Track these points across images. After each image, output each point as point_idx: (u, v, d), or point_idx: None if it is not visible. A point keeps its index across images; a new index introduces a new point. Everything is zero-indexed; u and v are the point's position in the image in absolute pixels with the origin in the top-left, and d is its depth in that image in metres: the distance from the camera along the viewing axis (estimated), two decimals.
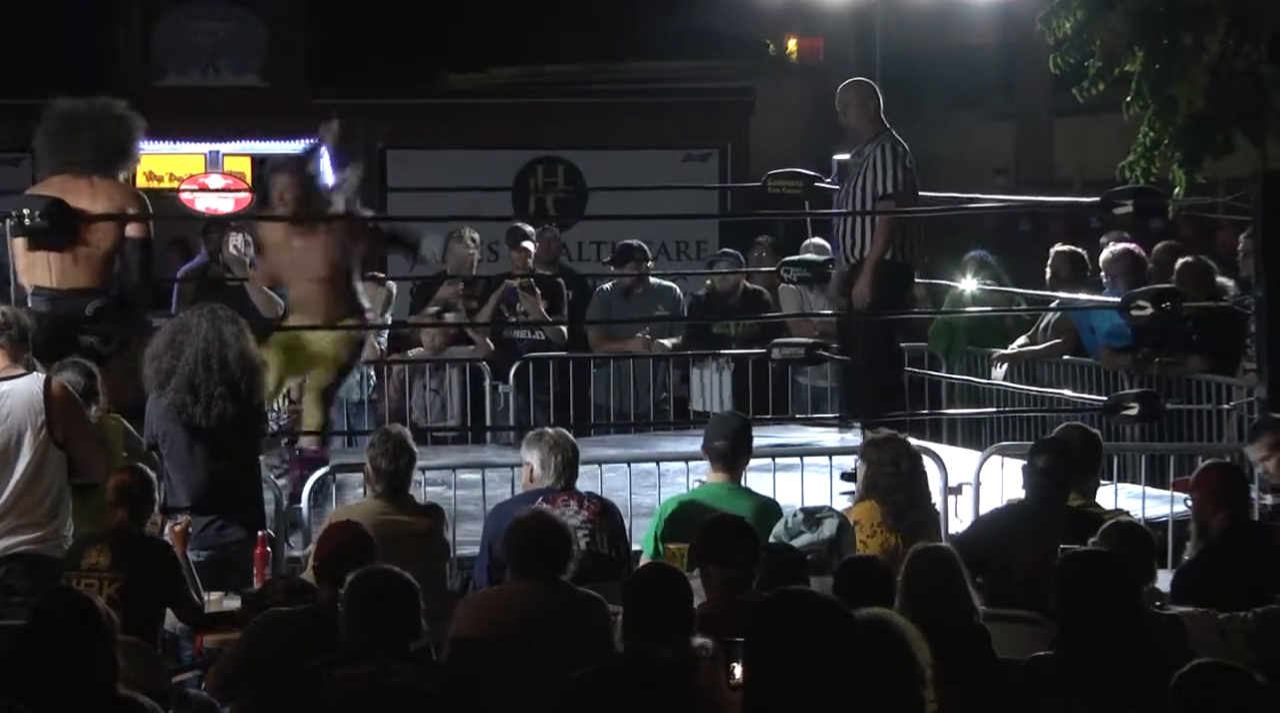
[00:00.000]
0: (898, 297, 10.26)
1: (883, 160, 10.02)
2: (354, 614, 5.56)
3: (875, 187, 10.01)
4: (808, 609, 4.62)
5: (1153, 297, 9.42)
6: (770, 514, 7.49)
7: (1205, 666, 4.82)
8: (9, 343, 7.72)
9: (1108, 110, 13.06)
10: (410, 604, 5.57)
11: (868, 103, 10.24)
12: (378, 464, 7.63)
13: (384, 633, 5.52)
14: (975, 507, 8.70)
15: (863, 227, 10.06)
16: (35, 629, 5.19)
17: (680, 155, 17.18)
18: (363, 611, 5.56)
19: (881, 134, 10.12)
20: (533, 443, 7.77)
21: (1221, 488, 7.28)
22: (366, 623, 5.54)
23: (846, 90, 10.34)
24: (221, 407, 7.98)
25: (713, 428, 8.02)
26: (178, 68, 17.31)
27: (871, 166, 10.05)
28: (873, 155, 10.06)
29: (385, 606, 5.56)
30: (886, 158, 10.02)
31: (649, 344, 12.40)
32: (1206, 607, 6.51)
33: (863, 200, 10.07)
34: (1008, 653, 5.86)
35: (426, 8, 17.59)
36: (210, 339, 8.02)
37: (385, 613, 5.55)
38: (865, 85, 10.38)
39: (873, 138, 10.12)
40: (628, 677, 5.30)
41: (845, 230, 10.19)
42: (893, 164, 10.01)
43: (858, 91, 10.31)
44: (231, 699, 6.31)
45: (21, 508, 7.60)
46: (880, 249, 9.96)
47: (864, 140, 10.17)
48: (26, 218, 8.72)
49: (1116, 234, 11.82)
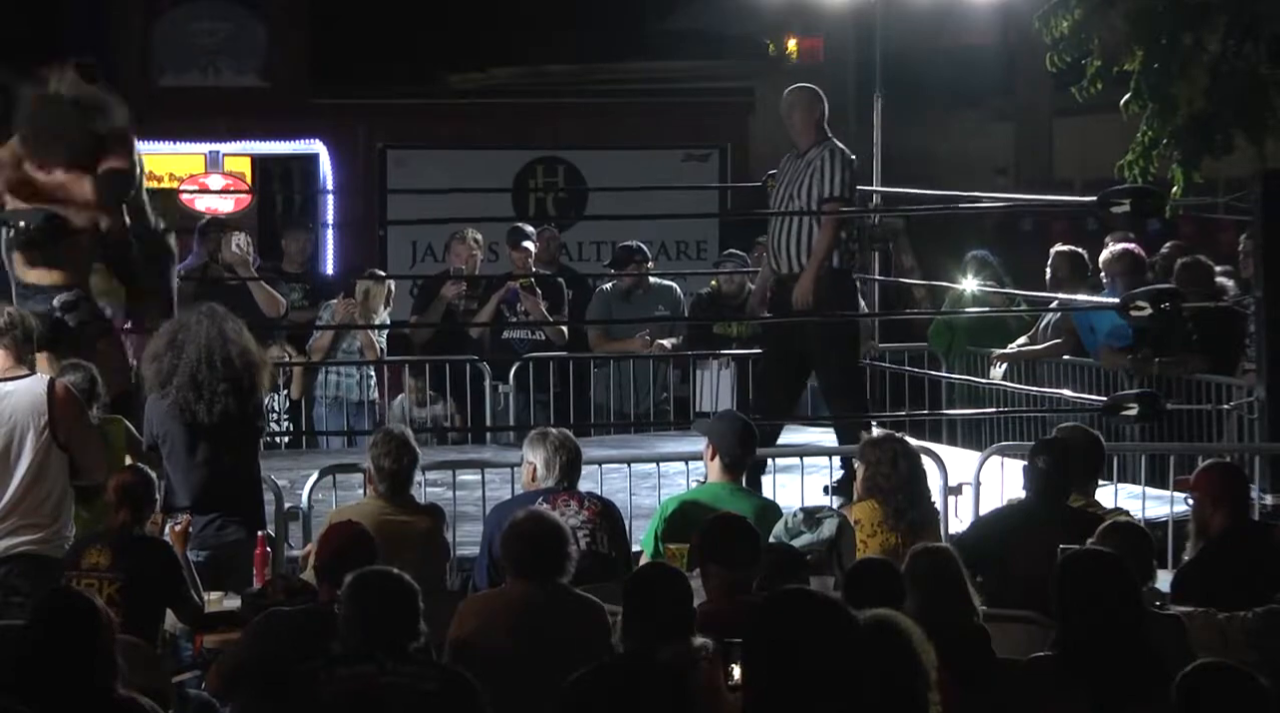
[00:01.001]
0: (847, 304, 10.19)
1: (829, 165, 9.90)
2: (352, 615, 5.56)
3: (821, 190, 9.89)
4: (807, 609, 4.61)
5: (1152, 297, 9.42)
6: (770, 515, 7.49)
7: (1207, 666, 4.83)
8: (13, 344, 7.72)
9: (1108, 110, 13.04)
10: (408, 605, 5.57)
11: (813, 109, 10.13)
12: (380, 464, 7.63)
13: (382, 634, 5.51)
14: (975, 507, 8.70)
15: (808, 232, 9.92)
16: (35, 630, 5.19)
17: (680, 155, 17.16)
18: (361, 611, 5.55)
19: (825, 141, 10.02)
20: (536, 443, 7.77)
21: (1222, 487, 7.29)
22: (365, 624, 5.53)
23: (792, 95, 10.22)
24: (224, 404, 7.99)
25: (724, 431, 7.98)
26: (177, 68, 17.30)
27: (818, 171, 9.93)
28: (816, 160, 9.94)
29: (383, 606, 5.55)
30: (831, 163, 9.90)
31: (649, 344, 12.41)
32: (1207, 607, 6.51)
33: (806, 206, 9.94)
34: (1008, 653, 5.86)
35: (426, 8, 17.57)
36: (212, 336, 8.04)
37: (383, 614, 5.54)
38: (811, 91, 10.27)
39: (816, 143, 10.01)
40: (627, 677, 5.31)
41: (785, 238, 10.01)
42: (840, 169, 9.89)
43: (804, 97, 10.20)
44: (232, 699, 6.31)
45: (24, 508, 7.61)
46: (823, 253, 9.82)
47: (806, 146, 10.06)
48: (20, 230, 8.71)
49: (1120, 234, 11.81)
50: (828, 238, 9.84)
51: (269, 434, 9.07)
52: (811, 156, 9.96)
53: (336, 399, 12.26)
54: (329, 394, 12.31)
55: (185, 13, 17.32)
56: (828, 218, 9.84)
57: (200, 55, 17.30)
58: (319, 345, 12.37)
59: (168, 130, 17.02)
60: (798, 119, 10.12)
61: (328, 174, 17.33)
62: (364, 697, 5.43)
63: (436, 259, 15.17)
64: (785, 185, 10.07)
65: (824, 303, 9.83)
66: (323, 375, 12.32)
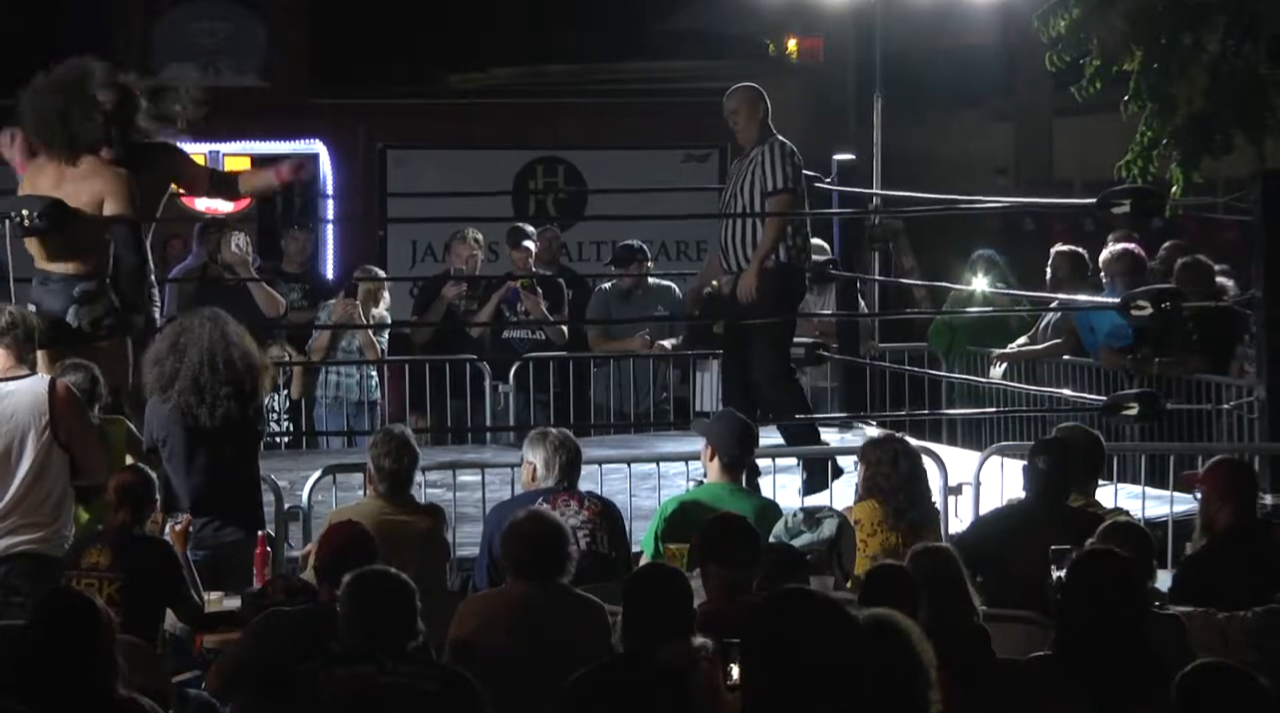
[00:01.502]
0: (790, 300, 10.21)
1: (770, 159, 9.96)
2: (351, 615, 5.57)
3: (764, 184, 9.94)
4: (807, 609, 4.61)
5: (1152, 296, 9.42)
6: (770, 515, 7.49)
7: (1206, 666, 4.82)
8: (14, 343, 7.74)
9: (1108, 110, 13.05)
10: (406, 605, 5.57)
11: (757, 107, 10.18)
12: (381, 464, 7.63)
13: (381, 634, 5.52)
14: (975, 507, 8.70)
15: (753, 229, 9.98)
16: (35, 630, 5.19)
17: (680, 155, 17.15)
18: (359, 611, 5.56)
19: (768, 138, 10.07)
20: (536, 443, 7.77)
21: (1229, 484, 7.28)
22: (363, 623, 5.54)
23: (734, 96, 10.26)
24: (226, 407, 8.00)
25: (723, 431, 7.98)
26: (177, 68, 17.29)
27: (759, 166, 9.98)
28: (757, 156, 10.00)
29: (381, 606, 5.56)
30: (773, 156, 9.96)
31: (649, 344, 12.41)
32: (1207, 604, 6.51)
33: (750, 201, 10.00)
34: (1007, 653, 5.86)
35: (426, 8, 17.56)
36: (215, 339, 8.04)
37: (382, 614, 5.55)
38: (754, 90, 10.30)
39: (758, 142, 10.06)
40: (627, 677, 5.31)
41: (731, 236, 10.08)
42: (780, 162, 9.95)
43: (747, 96, 10.24)
44: (232, 699, 6.31)
45: (25, 508, 7.61)
46: (767, 248, 9.89)
47: (749, 146, 10.10)
48: (25, 219, 8.71)
49: (1121, 233, 11.81)
50: (771, 233, 9.91)
51: (269, 435, 9.07)
52: (754, 154, 10.05)
53: (337, 399, 12.26)
54: (329, 394, 12.31)
55: (185, 12, 17.31)
56: (775, 217, 9.87)
57: (200, 55, 17.29)
58: (319, 345, 12.37)
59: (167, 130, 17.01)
60: (741, 119, 10.19)
61: (328, 174, 17.33)
62: (363, 697, 5.44)
63: (437, 259, 15.16)
64: (731, 185, 10.19)
65: (765, 298, 9.89)
66: (323, 375, 12.33)
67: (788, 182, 9.95)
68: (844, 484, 8.85)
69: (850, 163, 11.97)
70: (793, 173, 9.99)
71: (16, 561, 7.57)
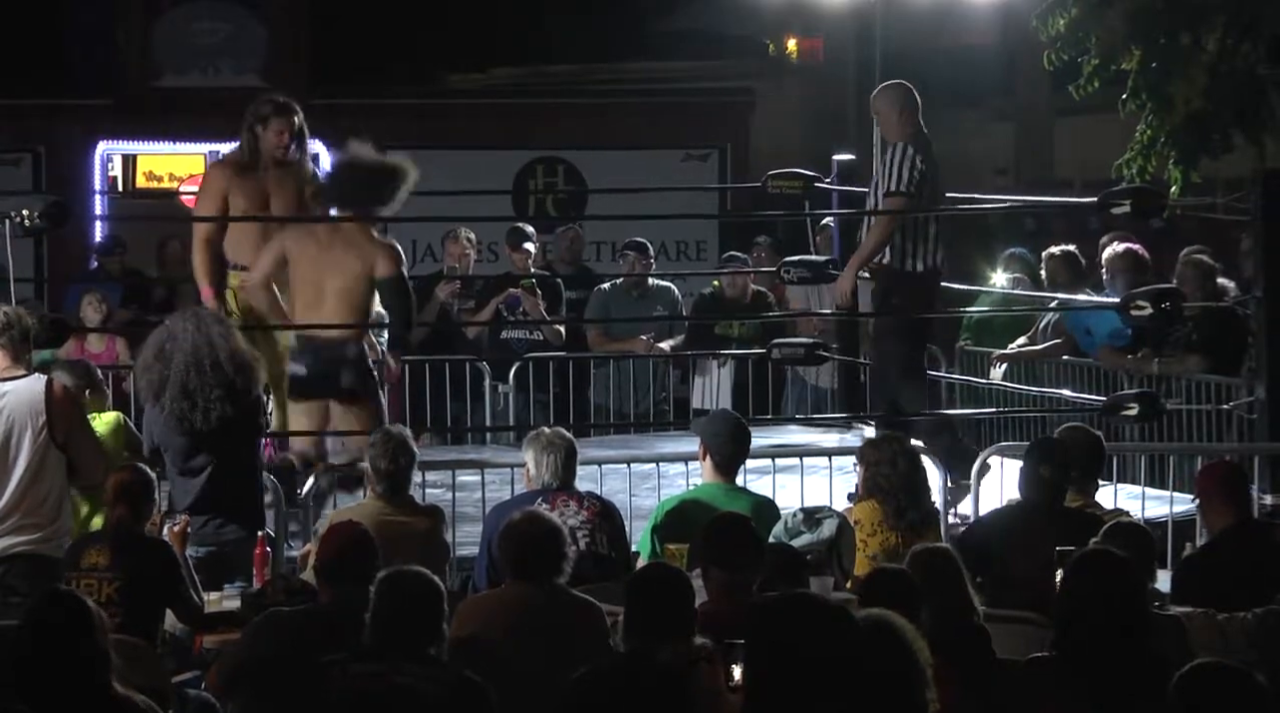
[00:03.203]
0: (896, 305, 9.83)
1: (891, 160, 9.63)
2: (377, 613, 5.59)
3: (884, 187, 9.67)
4: (810, 615, 4.62)
5: (1152, 297, 9.41)
6: (766, 513, 7.49)
7: (1205, 666, 4.82)
8: (10, 343, 7.72)
9: (1108, 110, 13.05)
10: (432, 608, 5.60)
11: (893, 107, 9.80)
12: (377, 465, 7.64)
13: (403, 634, 5.54)
14: (975, 507, 8.70)
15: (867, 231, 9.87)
16: (26, 630, 5.18)
17: (680, 155, 17.15)
18: (385, 609, 5.58)
19: (900, 138, 9.70)
20: (530, 442, 7.79)
21: (1223, 487, 7.28)
22: (386, 623, 5.56)
23: (877, 96, 9.97)
24: (220, 409, 7.98)
25: (717, 431, 7.98)
26: (177, 68, 17.28)
27: (883, 166, 9.71)
28: (885, 156, 9.73)
29: (408, 607, 5.58)
30: (893, 157, 9.63)
31: (650, 345, 12.40)
32: (1207, 605, 6.51)
33: (875, 203, 9.78)
34: (1007, 654, 5.86)
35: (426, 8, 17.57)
36: (199, 343, 8.00)
37: (406, 615, 5.57)
38: (894, 90, 9.91)
39: (893, 141, 9.73)
40: (628, 677, 5.30)
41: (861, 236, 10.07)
42: (899, 162, 9.60)
43: (886, 95, 9.90)
44: (231, 699, 6.31)
45: (24, 509, 7.61)
46: (867, 251, 9.68)
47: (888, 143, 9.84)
48: (25, 219, 8.71)
49: (1121, 233, 11.80)
50: (873, 236, 9.68)
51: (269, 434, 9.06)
52: (884, 155, 9.77)
53: None
54: None
55: (185, 13, 17.30)
56: (879, 216, 9.69)
57: (200, 55, 17.29)
58: None
59: (167, 130, 17.02)
60: (880, 119, 9.91)
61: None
62: (370, 695, 5.44)
63: (435, 259, 15.15)
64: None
65: (882, 301, 9.78)
66: None
67: (900, 184, 9.57)
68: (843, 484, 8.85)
69: (850, 163, 11.95)
70: (909, 175, 9.58)
71: (15, 561, 7.56)
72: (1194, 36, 12.36)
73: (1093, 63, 12.48)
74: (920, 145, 9.66)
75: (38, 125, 16.83)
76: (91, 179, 16.82)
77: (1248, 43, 12.43)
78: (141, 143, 17.28)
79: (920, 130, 9.73)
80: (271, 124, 9.47)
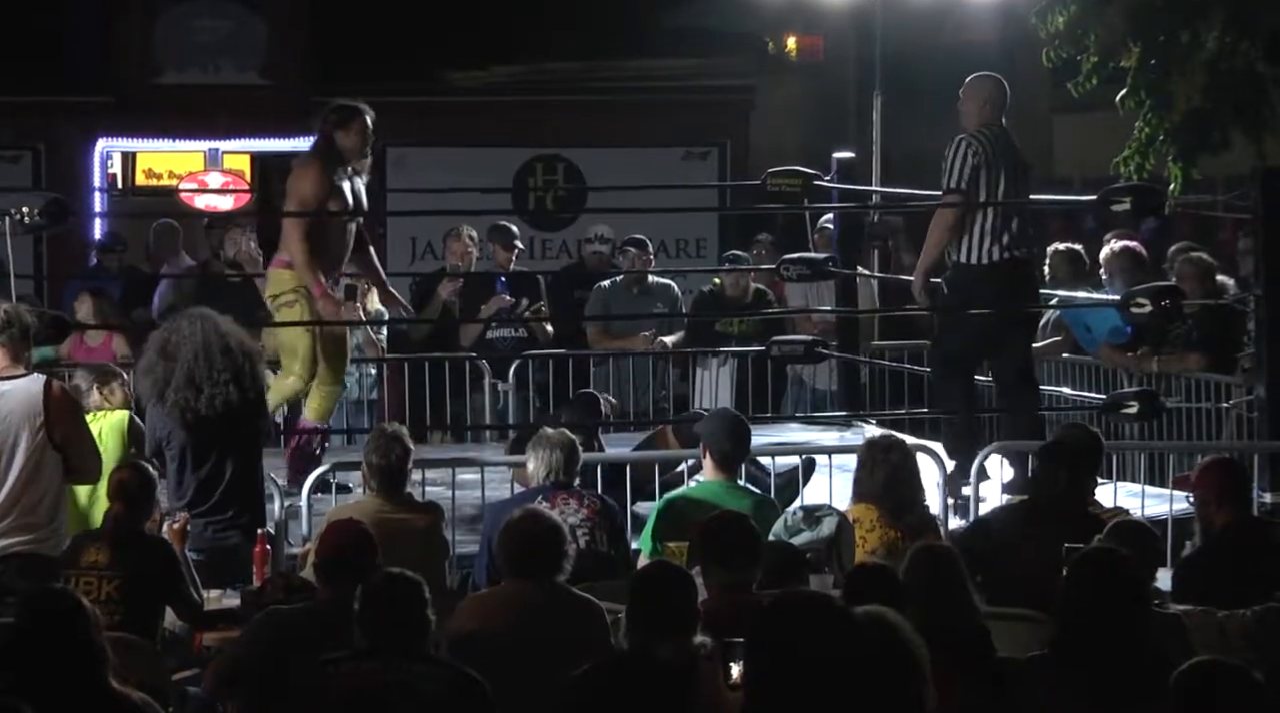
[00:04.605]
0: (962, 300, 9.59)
1: (950, 156, 9.48)
2: (364, 618, 5.59)
3: (944, 183, 9.51)
4: (811, 614, 4.62)
5: (1152, 295, 9.40)
6: (766, 511, 7.49)
7: (1204, 663, 4.82)
8: (9, 342, 7.71)
9: (1107, 108, 13.05)
10: (417, 606, 5.59)
11: (970, 100, 9.65)
12: (370, 460, 7.65)
13: (393, 636, 5.54)
14: (975, 505, 8.70)
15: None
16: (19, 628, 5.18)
17: (680, 153, 17.15)
18: (373, 615, 5.58)
19: (962, 132, 9.53)
20: (533, 442, 7.79)
21: (1223, 484, 7.27)
22: (376, 627, 5.56)
23: (964, 85, 9.76)
24: (225, 393, 7.97)
25: (715, 428, 7.98)
26: (177, 65, 17.28)
27: (945, 161, 9.53)
28: (947, 151, 9.55)
29: (393, 610, 5.58)
30: (950, 154, 9.47)
31: (649, 341, 12.40)
32: (1207, 604, 6.51)
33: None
34: (1008, 651, 5.86)
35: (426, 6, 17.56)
36: (208, 332, 8.04)
37: (393, 618, 5.57)
38: (976, 81, 9.72)
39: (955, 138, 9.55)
40: (629, 674, 5.31)
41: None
42: (952, 159, 9.44)
43: (967, 87, 9.72)
44: (229, 698, 6.31)
45: (21, 508, 7.60)
46: (930, 249, 9.55)
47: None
48: (25, 216, 8.72)
49: (1121, 231, 11.81)
50: (933, 234, 9.54)
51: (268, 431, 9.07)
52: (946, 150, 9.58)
53: None
54: None
55: (185, 10, 17.30)
56: (938, 213, 9.54)
57: (200, 53, 17.29)
58: None
59: (168, 128, 17.03)
60: (961, 108, 9.70)
61: None
62: (366, 692, 5.45)
63: (436, 257, 15.16)
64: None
65: (942, 298, 9.63)
66: None
67: (951, 180, 9.43)
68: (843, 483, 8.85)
69: (850, 160, 11.95)
70: (963, 169, 9.39)
71: (12, 561, 7.55)
72: (1193, 34, 12.36)
73: (1092, 60, 12.48)
74: (983, 139, 9.45)
75: (37, 123, 16.84)
76: (91, 177, 16.83)
77: (1247, 40, 12.43)
78: (141, 140, 17.29)
79: (990, 123, 9.51)
80: (353, 126, 9.64)
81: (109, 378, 8.74)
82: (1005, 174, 9.49)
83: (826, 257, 11.46)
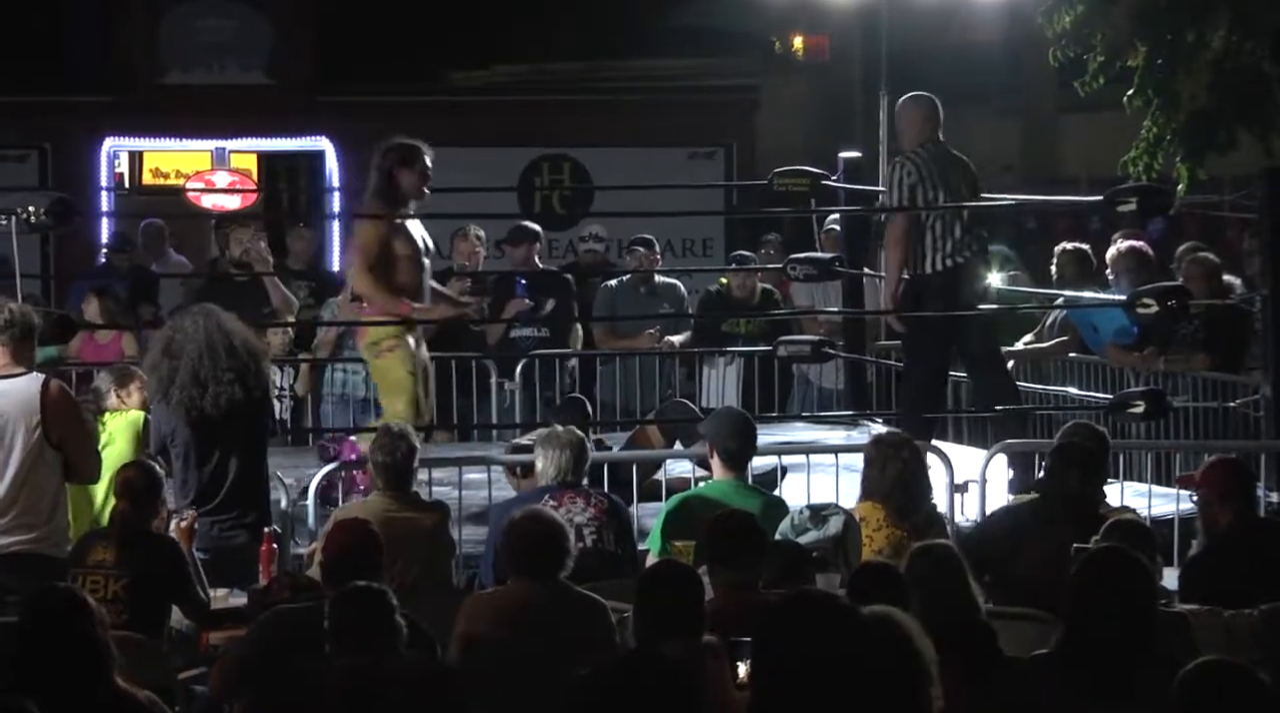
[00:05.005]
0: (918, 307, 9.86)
1: (890, 176, 9.85)
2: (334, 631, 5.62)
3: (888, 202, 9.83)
4: (817, 614, 4.61)
5: (1158, 294, 9.40)
6: (775, 512, 7.49)
7: (1210, 663, 4.82)
8: (10, 341, 7.69)
9: (1114, 107, 13.05)
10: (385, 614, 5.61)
11: (900, 117, 10.00)
12: (375, 458, 7.65)
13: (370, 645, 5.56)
14: (981, 505, 8.69)
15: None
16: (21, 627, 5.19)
17: (686, 153, 17.16)
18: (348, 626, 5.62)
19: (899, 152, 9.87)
20: (541, 441, 7.79)
21: (1228, 484, 7.27)
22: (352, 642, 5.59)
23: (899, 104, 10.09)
24: (230, 391, 7.98)
25: (722, 427, 7.99)
26: (183, 65, 17.31)
27: (887, 182, 9.91)
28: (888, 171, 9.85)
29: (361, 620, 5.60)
30: (889, 175, 9.86)
31: (655, 338, 12.39)
32: (1212, 603, 6.50)
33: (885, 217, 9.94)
34: (1013, 651, 5.85)
35: (432, 5, 17.58)
36: (211, 330, 8.05)
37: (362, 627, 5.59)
38: (909, 100, 10.07)
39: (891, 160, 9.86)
40: (635, 673, 5.30)
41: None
42: (890, 185, 9.84)
43: (901, 106, 10.06)
44: (235, 697, 6.31)
45: (19, 508, 7.60)
46: (890, 271, 9.82)
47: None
48: (31, 215, 8.73)
49: (1128, 231, 11.79)
50: (888, 255, 9.86)
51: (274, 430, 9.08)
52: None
53: (342, 396, 12.23)
54: (335, 391, 12.29)
55: (191, 10, 17.33)
56: (887, 235, 9.82)
57: (206, 53, 17.32)
58: (325, 341, 12.34)
59: (174, 127, 17.06)
60: (898, 128, 10.03)
61: (334, 171, 17.33)
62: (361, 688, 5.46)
63: (442, 256, 15.13)
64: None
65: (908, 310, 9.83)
66: (328, 372, 12.30)
67: (891, 202, 9.78)
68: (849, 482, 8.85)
69: (856, 160, 11.95)
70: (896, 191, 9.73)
71: (10, 560, 7.55)
72: (1199, 33, 12.36)
73: (1098, 59, 12.48)
74: (918, 159, 9.76)
75: (44, 122, 16.86)
76: (97, 176, 16.85)
77: (1253, 39, 12.43)
78: (148, 139, 17.31)
79: (926, 141, 9.84)
80: (416, 165, 9.29)
81: (127, 380, 8.74)
82: (945, 188, 9.80)
83: (833, 256, 11.45)
